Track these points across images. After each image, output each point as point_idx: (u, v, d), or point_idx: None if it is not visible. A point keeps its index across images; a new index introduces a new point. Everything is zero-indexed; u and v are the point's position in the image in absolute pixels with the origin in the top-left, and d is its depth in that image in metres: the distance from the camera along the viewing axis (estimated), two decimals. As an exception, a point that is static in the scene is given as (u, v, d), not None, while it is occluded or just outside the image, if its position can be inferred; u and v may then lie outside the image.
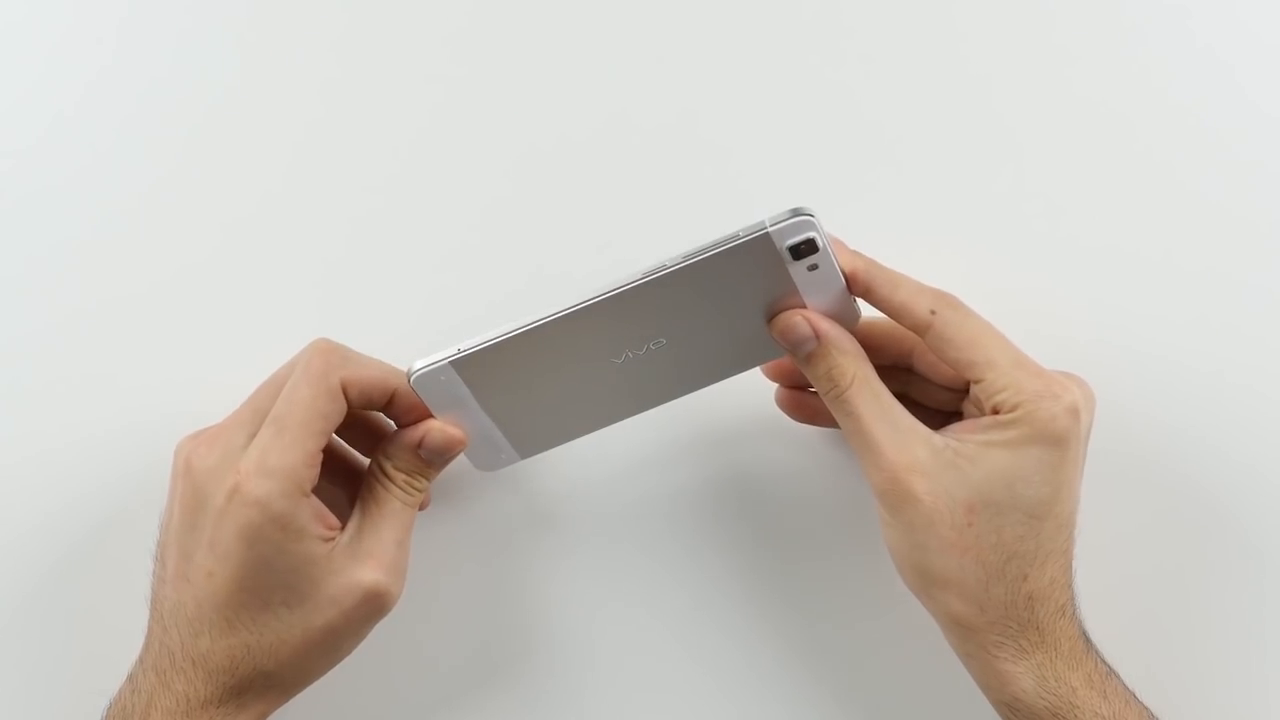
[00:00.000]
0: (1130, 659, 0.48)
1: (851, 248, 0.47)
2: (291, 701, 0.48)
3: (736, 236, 0.44)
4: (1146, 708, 0.47)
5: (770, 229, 0.44)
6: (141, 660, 0.47)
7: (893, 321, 0.47)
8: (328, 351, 0.47)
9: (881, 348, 0.49)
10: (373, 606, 0.47)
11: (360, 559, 0.47)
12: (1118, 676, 0.47)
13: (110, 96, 0.56)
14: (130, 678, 0.47)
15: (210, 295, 0.55)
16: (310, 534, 0.46)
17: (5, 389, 0.54)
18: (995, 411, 0.46)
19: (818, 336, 0.46)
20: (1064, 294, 0.55)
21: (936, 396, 0.51)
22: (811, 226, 0.44)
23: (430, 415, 0.48)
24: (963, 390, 0.50)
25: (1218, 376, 0.54)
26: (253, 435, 0.46)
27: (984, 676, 0.47)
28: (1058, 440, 0.45)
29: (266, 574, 0.45)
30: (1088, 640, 0.47)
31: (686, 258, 0.45)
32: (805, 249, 0.45)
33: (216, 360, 0.55)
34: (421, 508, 0.51)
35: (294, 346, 0.54)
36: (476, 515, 0.54)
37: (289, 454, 0.45)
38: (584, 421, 0.50)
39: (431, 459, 0.49)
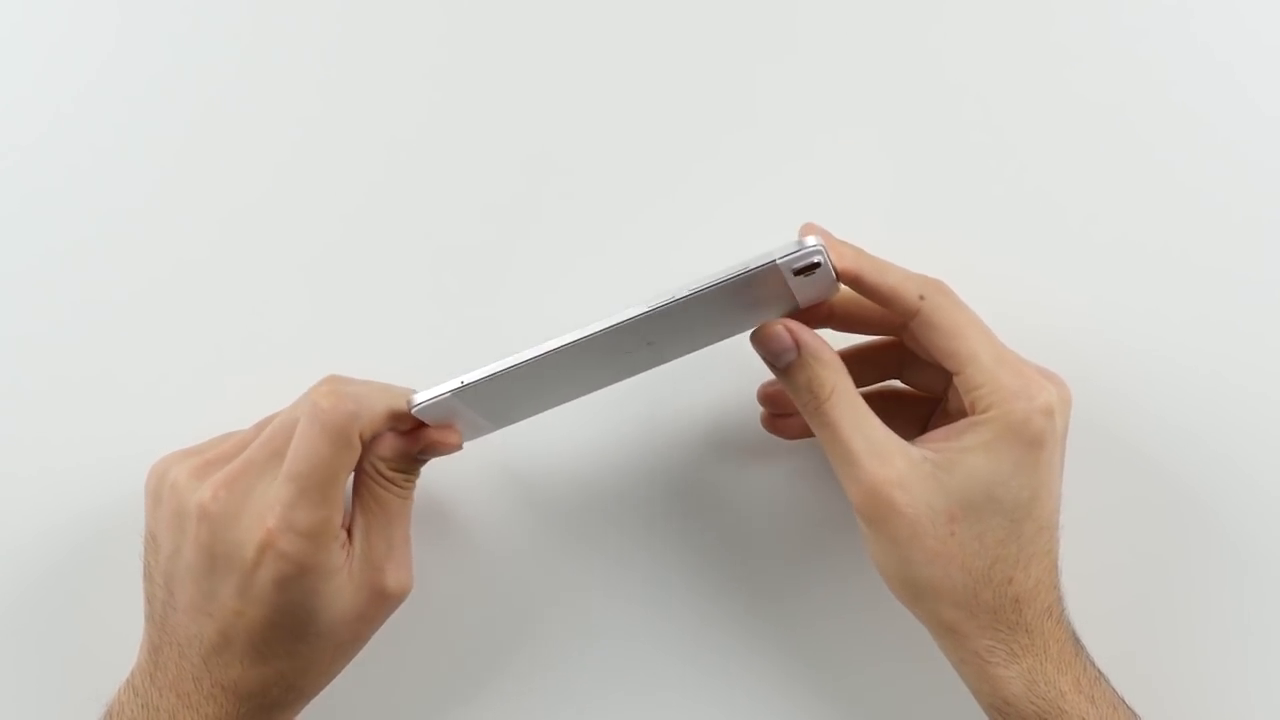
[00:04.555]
0: (1113, 647, 0.48)
1: (838, 237, 0.47)
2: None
3: (746, 268, 0.44)
4: (1134, 712, 0.47)
5: (779, 261, 0.44)
6: (153, 678, 0.46)
7: (888, 285, 0.46)
8: (341, 398, 0.45)
9: (878, 320, 0.49)
10: (392, 605, 0.48)
11: (377, 566, 0.47)
12: (1106, 680, 0.47)
13: (109, 94, 0.56)
14: (135, 690, 0.46)
15: (209, 294, 0.55)
16: (339, 568, 0.46)
17: (2, 390, 0.55)
18: (971, 410, 0.46)
19: (798, 347, 0.46)
20: (1063, 291, 0.55)
21: (927, 379, 0.51)
22: (819, 253, 0.44)
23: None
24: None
25: (1214, 373, 0.54)
26: (270, 480, 0.45)
27: (976, 681, 0.47)
28: (1032, 441, 0.45)
29: (300, 611, 0.45)
30: (1077, 643, 0.47)
31: (695, 290, 0.44)
32: (808, 269, 0.45)
33: (215, 361, 0.55)
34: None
35: (292, 346, 0.55)
36: (461, 510, 0.55)
37: (318, 511, 0.45)
38: (564, 396, 0.50)
39: (426, 458, 0.49)
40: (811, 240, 0.44)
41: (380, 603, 0.48)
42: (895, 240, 0.49)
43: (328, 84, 0.56)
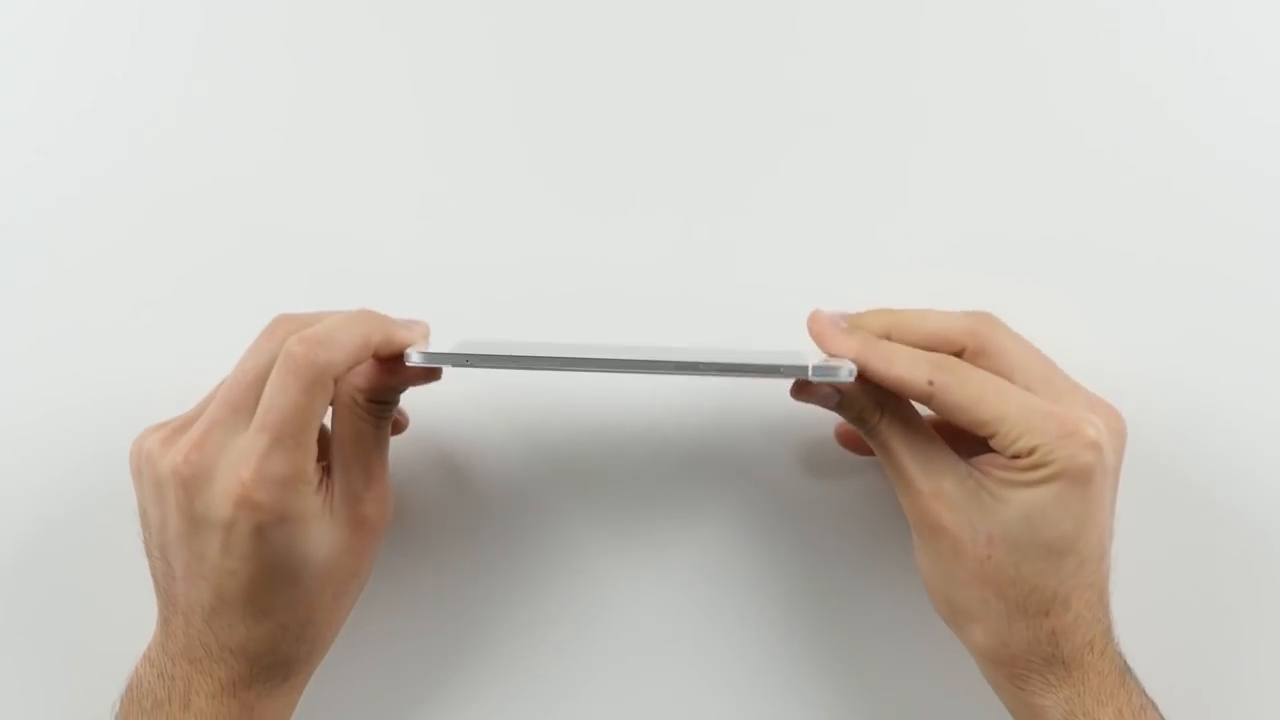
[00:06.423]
0: (1169, 681, 0.48)
1: (844, 326, 0.48)
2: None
3: (776, 370, 0.45)
4: None
5: (813, 378, 0.45)
6: (165, 648, 0.46)
7: (927, 330, 0.47)
8: (312, 343, 0.44)
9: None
10: (376, 536, 0.48)
11: (356, 497, 0.47)
12: (1154, 708, 0.46)
13: (112, 105, 0.56)
14: (151, 662, 0.47)
15: (213, 292, 0.55)
16: (319, 511, 0.46)
17: (8, 384, 0.55)
18: (1016, 457, 0.45)
19: (839, 391, 0.47)
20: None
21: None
22: (849, 374, 0.45)
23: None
24: None
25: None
26: (237, 434, 0.45)
27: (1014, 706, 0.47)
28: (1080, 478, 0.44)
29: (288, 560, 0.45)
30: (1123, 673, 0.46)
31: (723, 369, 0.45)
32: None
33: (214, 359, 0.55)
34: (397, 430, 0.52)
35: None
36: (461, 500, 0.55)
37: (292, 458, 0.44)
38: (558, 367, 0.48)
39: (404, 389, 0.48)
40: (846, 369, 0.45)
41: (364, 534, 0.47)
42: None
43: (329, 83, 0.56)
